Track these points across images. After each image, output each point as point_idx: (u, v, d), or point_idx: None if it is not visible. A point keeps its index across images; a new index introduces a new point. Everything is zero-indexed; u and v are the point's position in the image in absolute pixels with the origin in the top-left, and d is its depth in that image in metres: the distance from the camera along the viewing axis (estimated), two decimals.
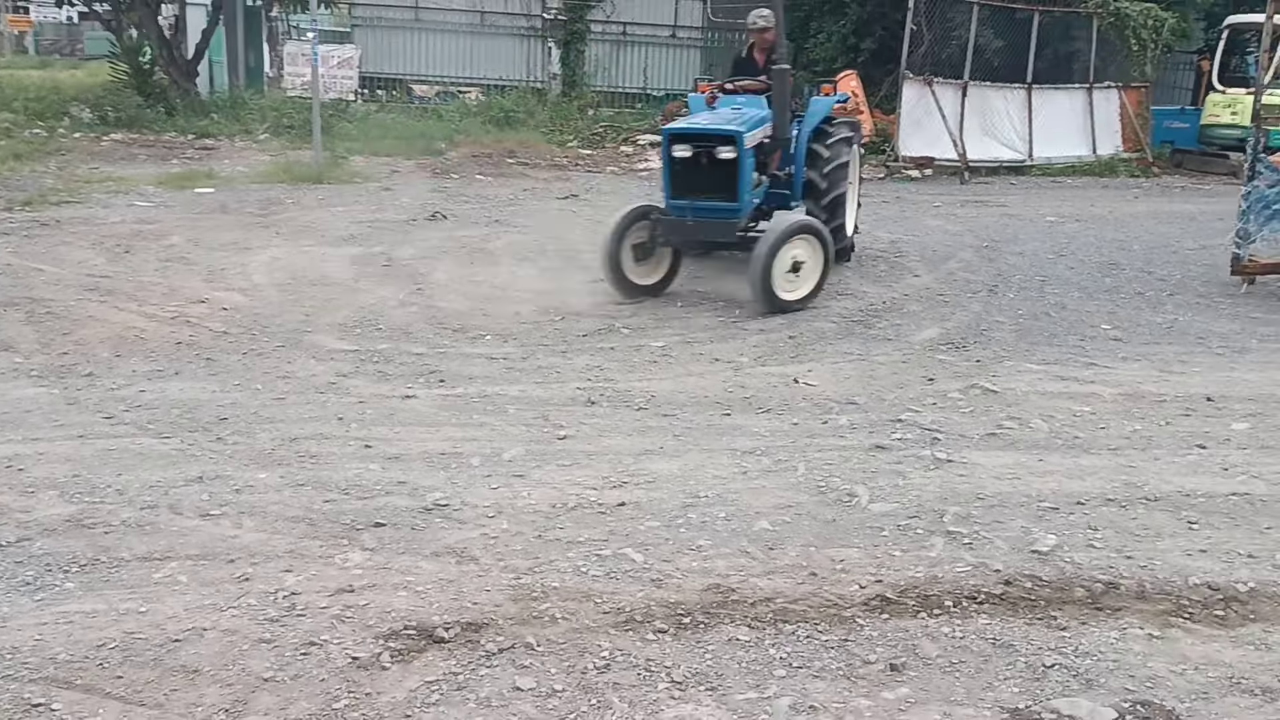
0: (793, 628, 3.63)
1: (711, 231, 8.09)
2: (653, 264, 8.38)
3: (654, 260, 8.37)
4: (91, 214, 11.13)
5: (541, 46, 22.25)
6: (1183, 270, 10.14)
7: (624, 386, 6.24)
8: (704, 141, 7.93)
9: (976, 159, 17.36)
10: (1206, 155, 19.05)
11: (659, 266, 8.43)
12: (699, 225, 8.04)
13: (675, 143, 8.00)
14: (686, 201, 8.03)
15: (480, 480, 4.81)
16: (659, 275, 8.44)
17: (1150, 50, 19.17)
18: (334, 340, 7.04)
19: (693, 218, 8.03)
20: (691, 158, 7.95)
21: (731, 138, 7.85)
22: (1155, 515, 4.59)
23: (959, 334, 7.62)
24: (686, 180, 8.02)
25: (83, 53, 42.73)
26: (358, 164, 15.50)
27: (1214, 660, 3.50)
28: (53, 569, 3.91)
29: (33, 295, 7.78)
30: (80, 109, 19.28)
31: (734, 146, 7.84)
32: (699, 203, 8.02)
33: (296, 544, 4.15)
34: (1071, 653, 3.51)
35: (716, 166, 7.91)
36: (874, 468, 5.05)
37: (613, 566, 4.01)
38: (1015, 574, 4.01)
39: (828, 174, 8.81)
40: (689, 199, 8.03)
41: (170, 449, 5.09)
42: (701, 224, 8.04)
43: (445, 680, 3.29)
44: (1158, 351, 7.32)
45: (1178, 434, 5.63)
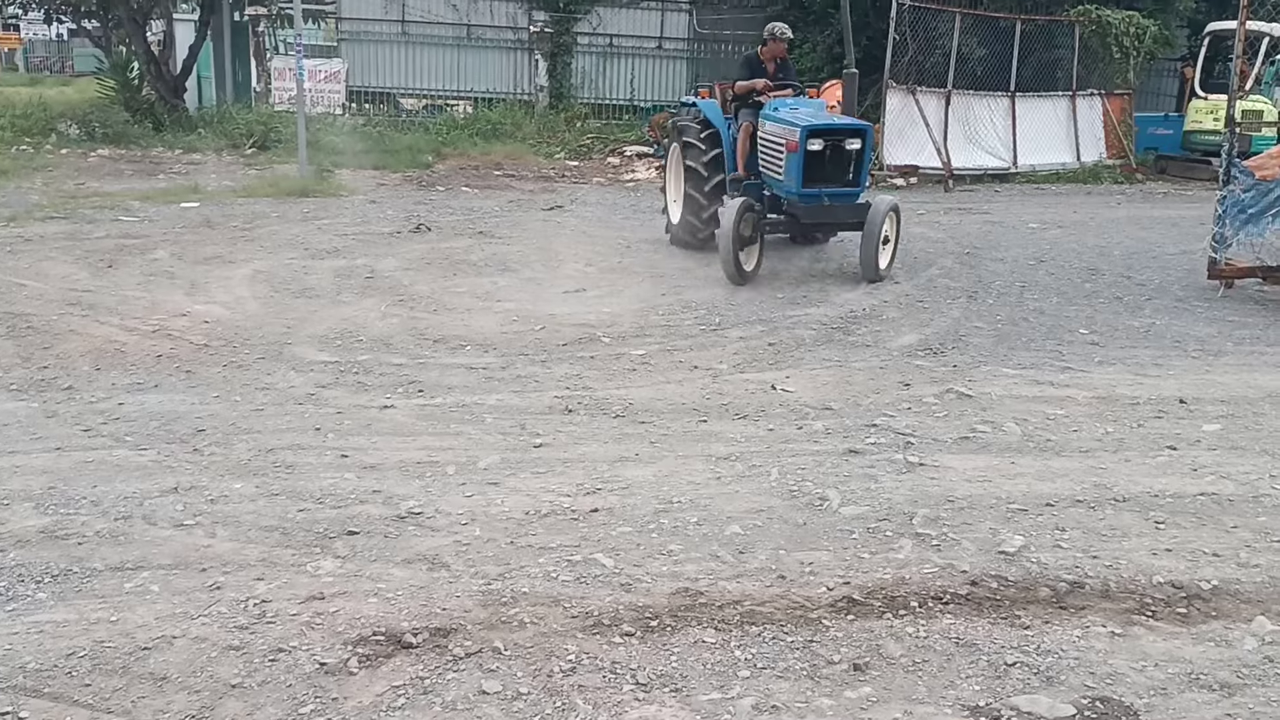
0: (759, 630, 3.67)
1: (843, 214, 9.36)
2: (751, 252, 9.31)
3: (752, 249, 9.30)
4: (76, 229, 11.15)
5: (529, 59, 22.32)
6: (1162, 275, 10.20)
7: (602, 395, 6.28)
8: (836, 135, 9.13)
9: (961, 167, 17.44)
10: (1190, 161, 19.15)
11: (753, 255, 9.35)
12: (833, 208, 9.28)
13: (812, 137, 9.01)
14: (817, 189, 9.16)
15: (455, 488, 4.84)
16: (754, 261, 9.35)
17: (1133, 57, 19.28)
18: (314, 352, 7.07)
19: (829, 202, 9.23)
20: (821, 150, 9.04)
21: (861, 131, 9.24)
22: (1123, 516, 4.63)
23: (937, 340, 7.67)
24: (819, 170, 9.12)
25: (72, 69, 42.84)
26: (344, 177, 15.53)
27: (1174, 657, 3.54)
28: (25, 579, 3.93)
29: (14, 310, 7.80)
30: (68, 125, 19.31)
31: (862, 138, 9.20)
32: (829, 189, 9.22)
33: (269, 553, 4.18)
34: (1033, 651, 3.55)
35: (844, 156, 9.20)
36: (846, 472, 5.09)
37: (583, 572, 4.05)
38: (981, 575, 4.05)
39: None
40: (819, 187, 9.17)
41: (147, 460, 5.12)
42: (835, 207, 9.28)
43: (412, 685, 3.32)
44: (1134, 355, 7.38)
45: (1149, 436, 5.68)
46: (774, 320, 8.14)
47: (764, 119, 9.65)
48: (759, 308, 8.50)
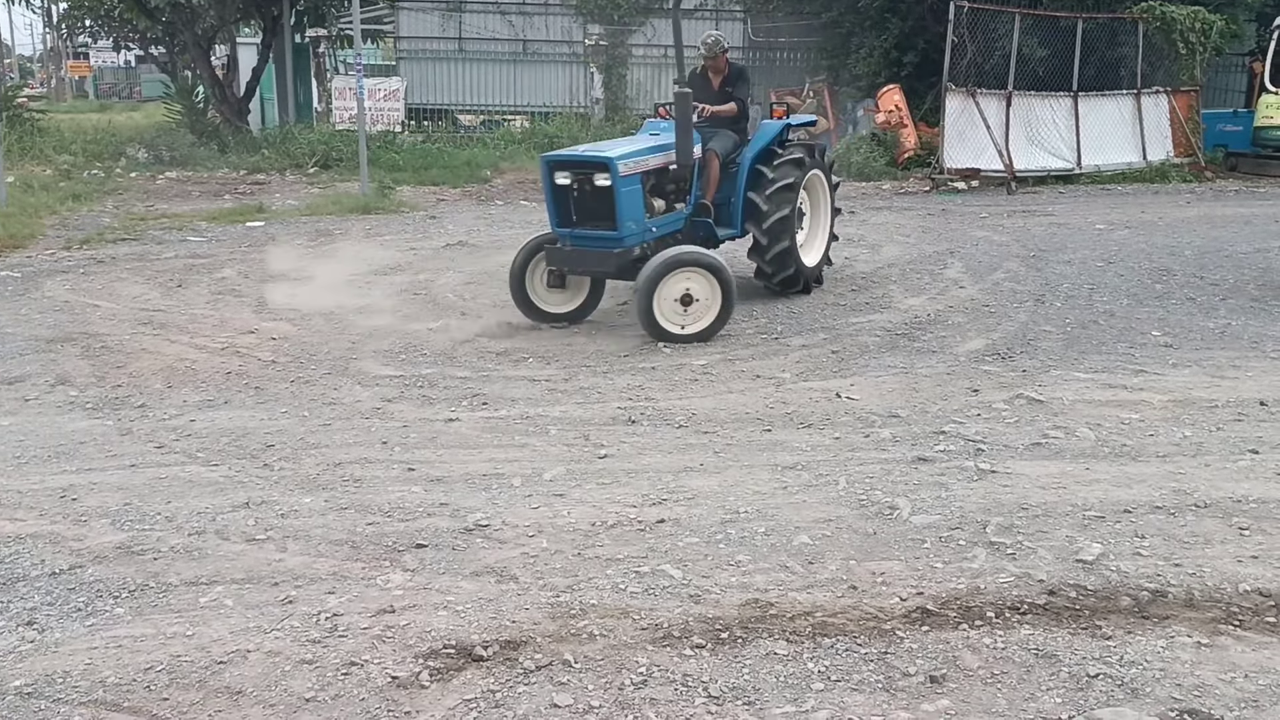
0: (831, 641, 3.61)
1: (593, 261, 7.83)
2: (568, 292, 8.24)
3: (569, 289, 8.22)
4: (146, 250, 11.41)
5: (584, 72, 22.47)
6: (1236, 274, 9.94)
7: (665, 405, 6.25)
8: (581, 168, 7.70)
9: (1023, 169, 17.18)
10: (1261, 158, 18.69)
11: (575, 295, 8.28)
12: (580, 255, 7.83)
13: (555, 170, 7.78)
14: (568, 230, 7.86)
15: (521, 500, 4.84)
16: (575, 303, 8.28)
17: (1199, 53, 18.85)
18: (379, 366, 7.14)
19: (576, 246, 7.83)
20: (571, 185, 7.72)
21: (605, 164, 7.55)
22: (1205, 522, 4.50)
23: (1005, 344, 7.54)
24: (567, 208, 7.83)
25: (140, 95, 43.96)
26: (405, 194, 15.73)
27: (1264, 668, 3.42)
28: (103, 595, 4.00)
29: (89, 330, 7.99)
30: (136, 149, 19.82)
31: (609, 173, 7.53)
32: (579, 231, 7.82)
33: (339, 566, 4.21)
34: (1116, 662, 3.45)
35: (597, 194, 7.66)
36: (916, 480, 5.00)
37: (651, 583, 4.02)
38: (1059, 584, 3.95)
39: (770, 195, 8.49)
40: (570, 227, 7.85)
41: (218, 476, 5.19)
42: (583, 253, 7.81)
43: (483, 698, 3.31)
44: (1209, 357, 7.19)
45: (1229, 439, 5.52)
46: (836, 328, 8.06)
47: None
48: (820, 315, 8.43)
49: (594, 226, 7.75)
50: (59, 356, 7.35)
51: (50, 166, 17.56)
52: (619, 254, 7.73)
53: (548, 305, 8.23)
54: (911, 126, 18.55)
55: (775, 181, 8.54)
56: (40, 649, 3.62)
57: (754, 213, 8.59)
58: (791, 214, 8.61)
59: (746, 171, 8.65)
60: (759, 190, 8.56)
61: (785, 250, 8.64)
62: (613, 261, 7.74)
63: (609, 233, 7.71)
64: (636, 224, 7.80)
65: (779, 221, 8.51)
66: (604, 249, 7.74)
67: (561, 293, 8.22)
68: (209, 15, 20.91)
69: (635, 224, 7.78)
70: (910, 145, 18.40)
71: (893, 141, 18.48)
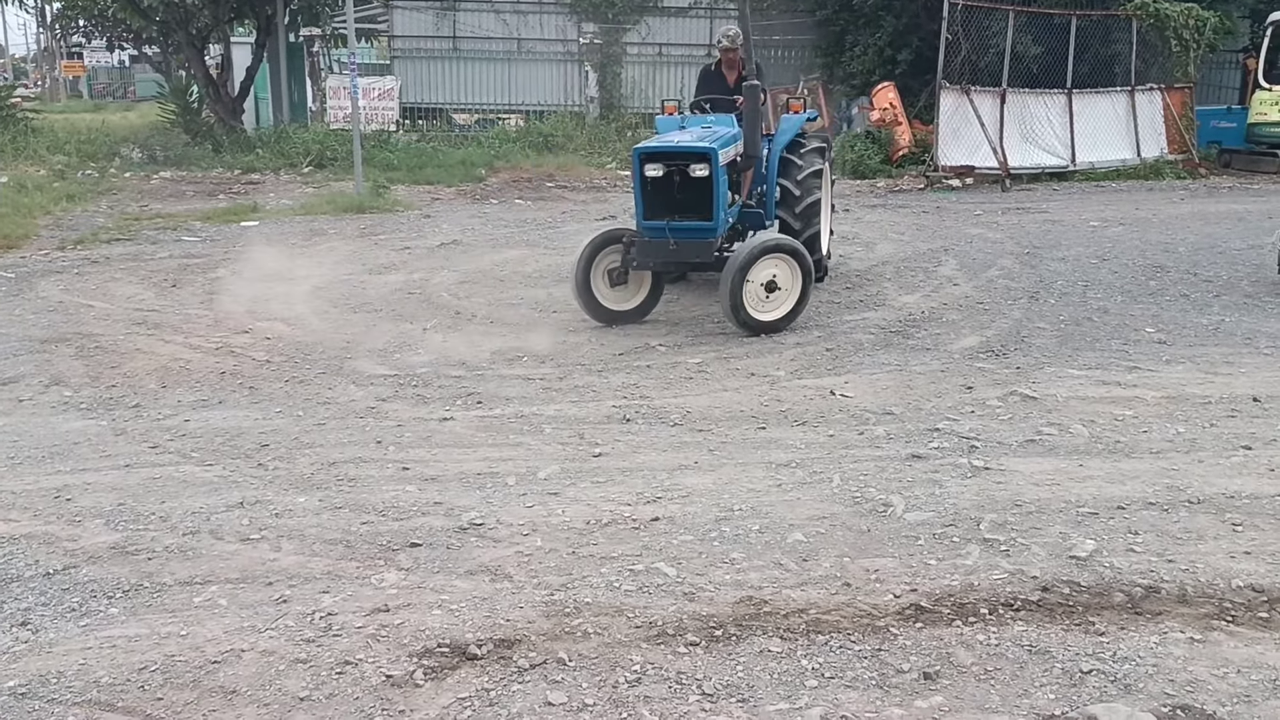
0: (825, 638, 3.62)
1: (688, 252, 7.82)
2: (630, 289, 8.18)
3: (631, 285, 8.18)
4: (140, 250, 11.39)
5: (579, 71, 22.45)
6: (1230, 271, 9.96)
7: (660, 403, 6.25)
8: (677, 159, 7.68)
9: (1018, 166, 17.20)
10: (1255, 154, 18.71)
11: (637, 291, 8.21)
12: (676, 246, 7.78)
13: (647, 162, 7.72)
14: (662, 222, 7.75)
15: (515, 499, 4.85)
16: (638, 300, 8.21)
17: (1193, 50, 18.88)
18: (374, 366, 7.14)
19: (670, 238, 7.75)
20: (664, 177, 7.69)
21: (706, 155, 7.60)
22: (1198, 518, 4.51)
23: (999, 341, 7.55)
24: (661, 200, 7.78)
25: (134, 95, 43.86)
26: (399, 193, 15.72)
27: (1257, 663, 3.43)
28: (97, 595, 3.99)
29: (83, 330, 7.98)
30: (131, 149, 19.79)
31: (708, 164, 7.58)
32: (675, 223, 7.76)
33: (334, 566, 4.21)
34: (1109, 658, 3.46)
35: (691, 185, 7.68)
36: (910, 477, 5.01)
37: (645, 581, 4.02)
38: (1053, 580, 3.96)
39: (801, 180, 8.72)
40: (664, 219, 7.76)
41: (213, 476, 5.19)
42: (679, 245, 7.78)
43: (478, 696, 3.32)
44: (1203, 353, 7.20)
45: (1222, 436, 5.53)
46: (831, 325, 8.07)
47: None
48: (815, 313, 8.42)
49: (688, 218, 7.77)
50: (53, 357, 7.34)
51: (44, 167, 17.53)
52: (713, 244, 7.82)
53: (613, 304, 8.13)
54: (906, 124, 18.56)
55: (804, 168, 8.76)
56: (34, 649, 3.61)
57: (786, 198, 8.74)
58: (820, 199, 8.82)
59: (776, 162, 8.83)
60: (790, 177, 8.76)
61: (815, 235, 8.82)
62: (711, 251, 7.80)
63: (705, 223, 7.76)
64: (725, 213, 7.96)
65: (810, 206, 8.70)
66: (700, 239, 7.79)
67: (624, 290, 8.17)
68: (203, 15, 20.88)
69: (724, 213, 7.93)
70: (905, 143, 18.41)
71: (887, 139, 18.49)
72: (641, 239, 7.87)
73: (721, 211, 7.82)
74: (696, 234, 7.79)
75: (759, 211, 8.84)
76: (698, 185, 7.67)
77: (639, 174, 7.79)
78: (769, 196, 8.85)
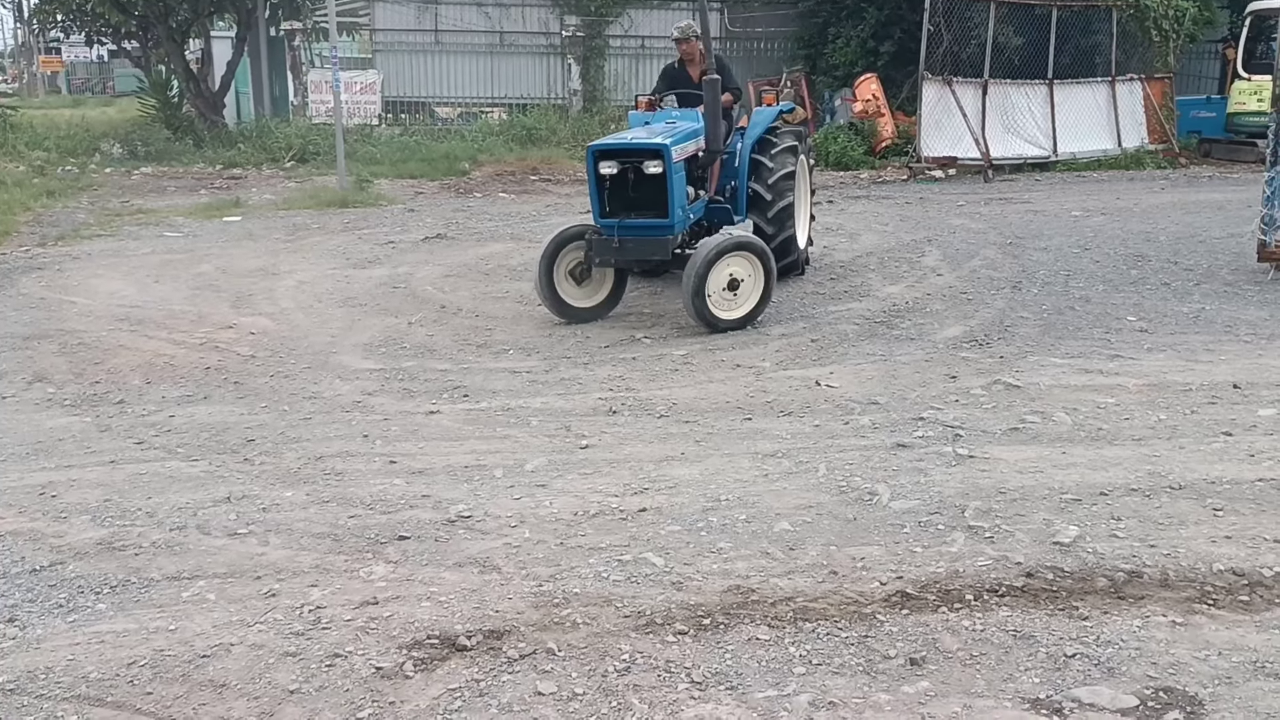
0: (813, 626, 3.64)
1: (645, 249, 7.74)
2: (594, 286, 8.14)
3: (594, 282, 8.13)
4: (122, 246, 11.34)
5: (561, 64, 22.41)
6: (1210, 259, 10.03)
7: (646, 395, 6.27)
8: (631, 156, 7.63)
9: (1000, 157, 17.27)
10: (1234, 144, 18.80)
11: (600, 288, 8.16)
12: (633, 244, 7.70)
13: (601, 159, 7.68)
14: (616, 220, 7.70)
15: (503, 491, 4.86)
16: (601, 296, 8.16)
17: (1172, 40, 18.99)
18: (359, 360, 7.13)
19: (624, 236, 7.68)
20: (620, 174, 7.65)
21: (659, 151, 7.53)
22: (1180, 503, 4.55)
23: (982, 331, 7.59)
24: (618, 198, 7.73)
25: (113, 90, 43.57)
26: (383, 187, 15.68)
27: (1238, 645, 3.47)
28: (85, 591, 3.99)
29: (65, 327, 7.94)
30: (111, 144, 19.66)
31: (662, 160, 7.52)
32: (631, 220, 7.70)
33: (322, 559, 4.21)
34: (1093, 642, 3.50)
35: (646, 182, 7.62)
36: (895, 466, 5.04)
37: (633, 571, 4.04)
38: (1037, 566, 4.00)
39: (773, 185, 8.58)
40: (620, 217, 7.71)
41: (199, 471, 5.18)
42: (635, 242, 7.70)
43: (468, 687, 3.33)
44: (1184, 341, 7.26)
45: (1203, 422, 5.58)
46: (815, 316, 8.10)
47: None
48: (799, 304, 8.46)
49: (643, 215, 7.71)
50: (35, 353, 7.31)
51: (23, 163, 17.41)
52: (670, 241, 7.73)
53: (574, 300, 8.06)
54: (889, 115, 18.61)
55: (776, 171, 8.63)
56: (22, 645, 3.61)
57: (758, 202, 8.65)
58: (793, 201, 8.75)
59: (746, 160, 8.70)
60: (760, 180, 8.63)
61: (789, 238, 8.77)
62: (667, 248, 7.71)
63: (660, 220, 7.68)
64: (683, 210, 7.87)
65: (783, 210, 8.62)
66: (656, 237, 7.70)
67: (588, 286, 8.11)
68: (182, 9, 20.74)
69: (682, 210, 7.84)
70: (887, 134, 18.46)
71: (870, 130, 18.54)
72: (599, 236, 7.80)
73: (678, 208, 7.74)
74: (653, 231, 7.71)
75: (727, 207, 8.72)
76: (652, 182, 7.61)
77: (593, 171, 7.73)
78: (740, 193, 8.74)
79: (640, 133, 8.10)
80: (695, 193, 8.32)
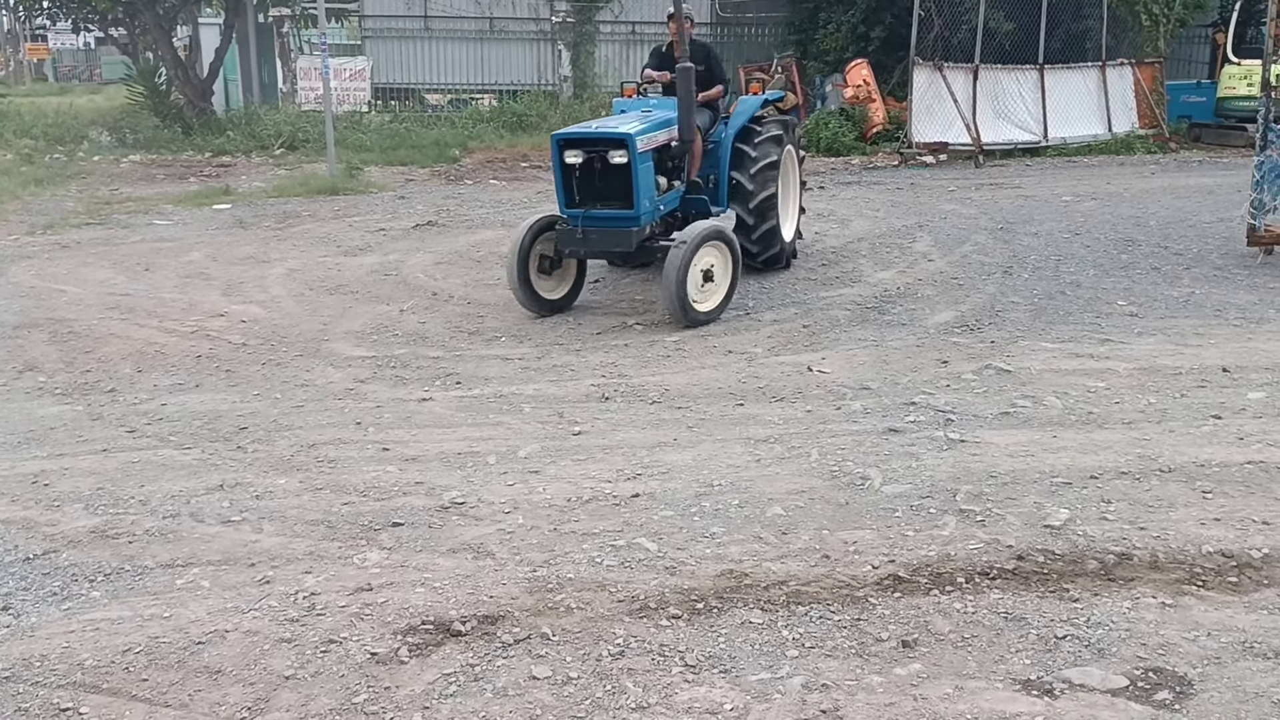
0: (805, 609, 3.67)
1: (609, 241, 7.62)
2: (559, 276, 8.01)
3: (560, 272, 8.01)
4: (111, 234, 11.29)
5: (552, 49, 22.33)
6: (1200, 244, 10.06)
7: (638, 381, 6.28)
8: (596, 146, 7.47)
9: (991, 142, 17.26)
10: (1224, 128, 18.83)
11: (565, 279, 8.05)
12: (597, 235, 7.58)
13: (566, 148, 7.53)
14: (581, 210, 7.58)
15: (496, 478, 4.87)
16: (567, 287, 8.05)
17: (1162, 25, 18.97)
18: (351, 348, 7.13)
19: (587, 227, 7.56)
20: (586, 163, 7.49)
21: (623, 141, 7.37)
22: (1169, 486, 4.58)
23: (973, 316, 7.61)
24: (585, 188, 7.58)
25: (100, 77, 43.26)
26: (373, 174, 15.63)
27: (1227, 626, 3.50)
28: (79, 579, 4.00)
29: (55, 316, 7.92)
30: (99, 133, 19.55)
31: (626, 150, 7.35)
32: (596, 211, 7.57)
33: (316, 546, 4.22)
34: (1083, 624, 3.53)
35: (611, 172, 7.46)
36: (887, 450, 5.06)
37: (627, 556, 4.06)
38: (1028, 549, 4.03)
39: (755, 175, 8.43)
40: (585, 207, 7.59)
41: (192, 459, 5.18)
42: (599, 233, 7.58)
43: (462, 672, 3.35)
44: (1174, 325, 7.29)
45: (1193, 406, 5.62)
46: (807, 302, 8.11)
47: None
48: (791, 290, 8.47)
49: (608, 206, 7.57)
50: (26, 342, 7.29)
51: (10, 151, 17.29)
52: (636, 233, 7.57)
53: (545, 292, 7.92)
54: (880, 101, 18.58)
55: (758, 160, 8.46)
56: (17, 633, 3.62)
57: (740, 192, 8.49)
58: (776, 192, 8.58)
59: (729, 150, 8.53)
60: (743, 170, 8.47)
61: (772, 229, 8.61)
62: (632, 240, 7.56)
63: (626, 212, 7.53)
64: (650, 201, 7.70)
65: (765, 200, 8.46)
66: (621, 228, 7.56)
67: (554, 277, 7.99)
68: None
69: (649, 201, 7.67)
70: (878, 120, 18.43)
71: (861, 116, 18.51)
72: (564, 226, 7.70)
73: (644, 200, 7.57)
74: (618, 223, 7.56)
75: (704, 199, 8.46)
76: (618, 172, 7.45)
77: (558, 160, 7.58)
78: (721, 183, 8.56)
79: (607, 121, 7.98)
80: (668, 183, 8.15)
